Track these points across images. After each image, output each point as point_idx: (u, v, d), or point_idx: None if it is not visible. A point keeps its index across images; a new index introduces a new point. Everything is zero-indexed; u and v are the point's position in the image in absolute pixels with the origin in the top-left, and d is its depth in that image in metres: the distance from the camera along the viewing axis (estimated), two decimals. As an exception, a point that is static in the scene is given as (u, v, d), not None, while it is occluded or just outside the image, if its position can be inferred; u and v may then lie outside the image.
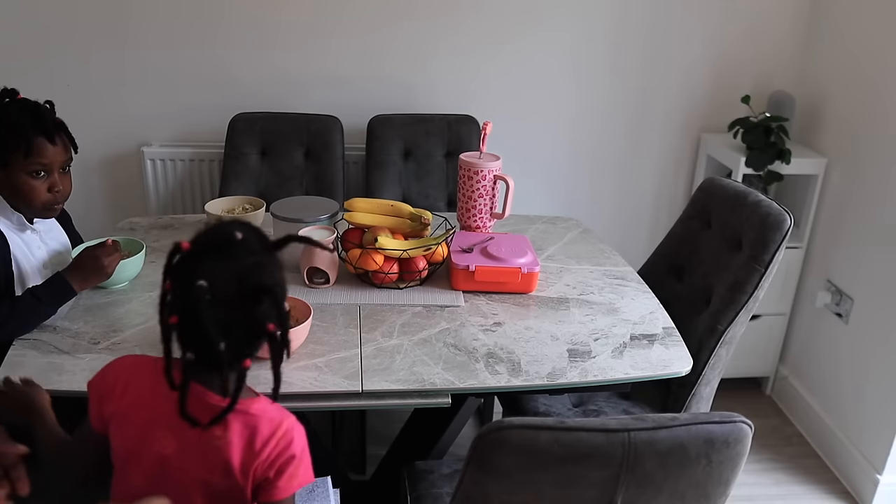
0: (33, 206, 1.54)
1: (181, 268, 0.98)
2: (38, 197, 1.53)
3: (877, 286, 2.22)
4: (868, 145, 2.27)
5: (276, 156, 2.43)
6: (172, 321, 0.97)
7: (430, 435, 1.81)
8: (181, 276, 0.97)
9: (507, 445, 1.00)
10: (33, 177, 1.51)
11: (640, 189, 2.79)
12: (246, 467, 1.04)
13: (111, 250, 1.57)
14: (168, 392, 0.99)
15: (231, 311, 0.97)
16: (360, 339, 1.51)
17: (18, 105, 1.51)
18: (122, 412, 1.06)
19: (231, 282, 0.97)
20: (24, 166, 1.50)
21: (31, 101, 1.53)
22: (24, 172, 1.50)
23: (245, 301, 0.98)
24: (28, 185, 1.51)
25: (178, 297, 0.98)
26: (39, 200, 1.53)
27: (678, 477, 1.03)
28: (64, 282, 1.49)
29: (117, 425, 1.07)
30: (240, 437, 1.03)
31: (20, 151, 1.48)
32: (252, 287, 0.98)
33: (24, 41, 2.38)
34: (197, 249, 0.99)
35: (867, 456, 2.25)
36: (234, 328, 0.97)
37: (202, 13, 2.40)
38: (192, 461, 1.04)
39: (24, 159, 1.49)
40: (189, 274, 0.96)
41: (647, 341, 1.56)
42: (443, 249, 1.76)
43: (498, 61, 2.55)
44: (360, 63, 2.51)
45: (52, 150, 1.51)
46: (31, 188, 1.51)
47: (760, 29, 2.59)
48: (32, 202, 1.53)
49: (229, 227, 1.01)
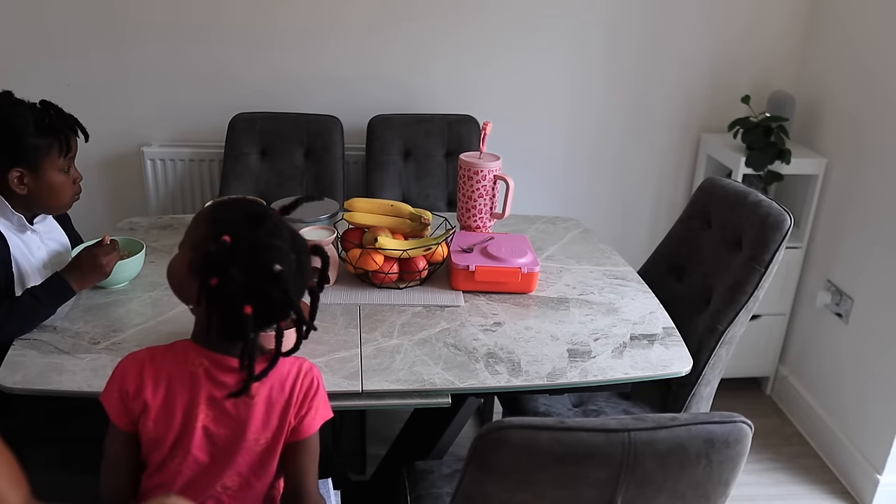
0: (62, 202, 1.59)
1: (242, 260, 1.02)
2: (69, 192, 1.59)
3: (877, 286, 2.22)
4: (868, 145, 2.27)
5: (276, 156, 2.43)
6: (248, 311, 1.01)
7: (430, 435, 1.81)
8: (247, 268, 1.01)
9: (507, 445, 1.00)
10: (64, 173, 1.56)
11: (640, 189, 2.79)
12: (283, 412, 1.12)
13: (109, 249, 1.57)
14: (200, 368, 1.09)
15: (299, 277, 1.06)
16: (360, 338, 1.51)
17: (28, 106, 1.53)
18: (158, 403, 1.09)
19: (291, 256, 1.05)
20: (58, 164, 1.54)
21: (30, 102, 1.54)
22: (57, 170, 1.54)
23: (304, 265, 1.08)
24: (60, 182, 1.56)
25: (243, 289, 1.01)
26: (69, 195, 1.59)
27: (678, 477, 1.03)
28: (63, 282, 1.50)
29: (155, 417, 1.09)
30: (268, 388, 1.11)
31: (58, 151, 1.52)
32: (304, 249, 1.09)
33: (24, 41, 2.38)
34: (244, 242, 1.03)
35: (867, 456, 2.25)
36: (300, 291, 1.07)
37: (202, 13, 2.40)
38: (232, 426, 1.11)
39: (60, 158, 1.53)
40: (259, 263, 1.02)
41: (647, 341, 1.56)
42: (443, 249, 1.76)
43: (498, 61, 2.55)
44: (359, 63, 2.51)
45: (75, 143, 1.57)
46: (63, 185, 1.56)
47: (760, 28, 2.59)
48: (63, 198, 1.58)
49: (257, 208, 1.08)
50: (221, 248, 1.01)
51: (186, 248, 1.09)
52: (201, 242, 1.04)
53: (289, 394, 1.12)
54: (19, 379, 1.33)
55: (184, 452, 1.10)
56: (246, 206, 1.09)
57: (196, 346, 1.11)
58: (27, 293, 1.48)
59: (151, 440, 1.11)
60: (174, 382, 1.09)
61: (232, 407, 1.10)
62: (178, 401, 1.09)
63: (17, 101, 1.53)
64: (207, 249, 1.02)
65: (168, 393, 1.09)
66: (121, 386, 1.09)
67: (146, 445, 1.12)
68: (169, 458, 1.11)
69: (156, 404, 1.09)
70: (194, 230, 1.09)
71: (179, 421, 1.09)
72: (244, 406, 1.10)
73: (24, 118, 1.49)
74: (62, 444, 1.59)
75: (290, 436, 1.14)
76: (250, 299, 1.02)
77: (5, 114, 1.50)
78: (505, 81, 2.58)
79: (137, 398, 1.09)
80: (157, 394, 1.09)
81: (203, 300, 1.04)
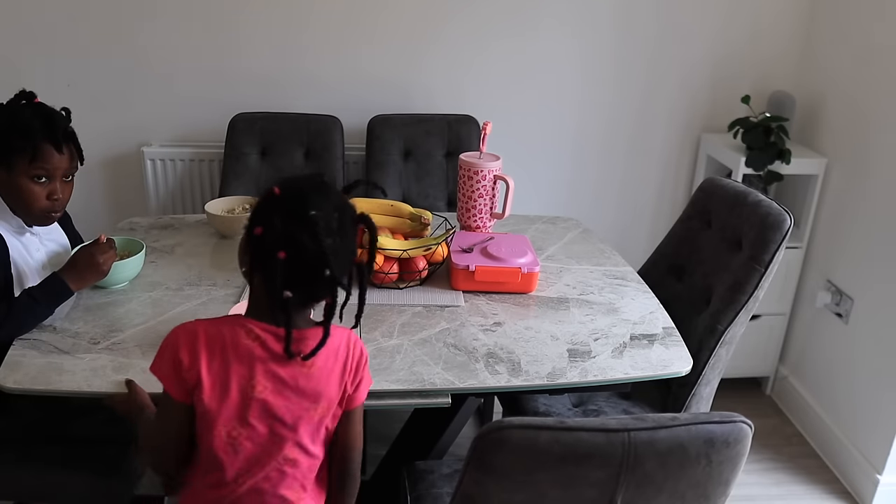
0: (31, 212, 1.54)
1: (281, 209, 1.06)
2: (37, 202, 1.53)
3: (877, 286, 2.22)
4: (868, 145, 2.27)
5: (276, 156, 2.43)
6: (282, 256, 1.03)
7: (430, 435, 1.81)
8: (286, 215, 1.05)
9: (507, 445, 1.00)
10: (34, 181, 1.51)
11: (641, 189, 2.79)
12: (340, 381, 1.15)
13: (106, 248, 1.57)
14: (255, 342, 1.10)
15: (337, 237, 1.07)
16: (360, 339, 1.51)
17: (33, 109, 1.52)
18: (214, 375, 1.09)
19: (334, 212, 1.07)
20: (27, 170, 1.50)
21: (47, 106, 1.53)
22: (27, 176, 1.50)
23: (347, 227, 1.09)
24: (29, 189, 1.51)
25: (283, 236, 1.04)
26: (38, 206, 1.53)
27: (678, 477, 1.03)
28: (60, 282, 1.49)
29: (210, 389, 1.09)
30: (323, 358, 1.13)
31: (26, 155, 1.49)
32: (350, 214, 1.11)
33: (25, 41, 2.38)
34: (291, 192, 1.07)
35: (867, 456, 2.25)
36: (340, 254, 1.07)
37: (202, 13, 2.40)
38: (291, 396, 1.12)
39: (29, 164, 1.49)
40: (297, 211, 1.04)
41: (647, 341, 1.56)
42: (443, 249, 1.76)
43: (498, 62, 2.55)
44: (360, 63, 2.51)
45: (57, 158, 1.51)
46: (31, 193, 1.51)
47: (760, 29, 2.59)
48: (30, 207, 1.53)
49: (316, 175, 1.12)
50: (268, 197, 1.07)
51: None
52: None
53: (343, 364, 1.15)
54: (19, 379, 1.33)
55: (243, 424, 1.11)
56: (304, 175, 1.13)
57: (249, 319, 1.12)
58: (25, 294, 1.47)
59: (206, 412, 1.10)
60: (229, 355, 1.09)
61: (290, 378, 1.11)
62: (234, 373, 1.09)
63: (28, 103, 1.53)
64: (258, 202, 1.08)
65: (223, 365, 1.09)
66: (174, 356, 1.09)
67: (202, 418, 1.11)
68: (226, 431, 1.11)
69: (211, 377, 1.09)
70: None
71: (237, 394, 1.10)
72: (303, 377, 1.12)
73: (6, 116, 1.49)
74: (62, 444, 1.59)
75: (346, 404, 1.18)
76: (285, 245, 1.04)
77: (5, 110, 1.50)
78: (505, 82, 2.58)
79: (192, 369, 1.08)
80: (213, 366, 1.09)
81: (249, 257, 1.09)
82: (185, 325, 1.11)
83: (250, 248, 1.08)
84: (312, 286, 1.08)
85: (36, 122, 1.49)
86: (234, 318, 1.13)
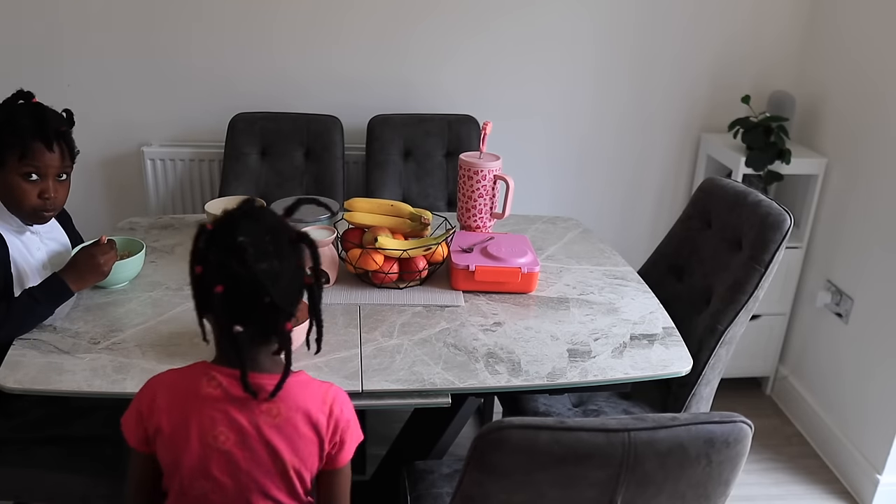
0: (22, 210, 1.54)
1: (214, 242, 1.03)
2: (27, 201, 1.52)
3: (877, 286, 2.22)
4: (868, 145, 2.27)
5: (276, 156, 2.43)
6: (219, 290, 1.00)
7: (430, 435, 1.81)
8: (217, 247, 1.02)
9: (507, 445, 1.00)
10: (25, 179, 1.51)
11: (641, 189, 2.79)
12: (318, 441, 1.09)
13: (106, 249, 1.57)
14: (217, 389, 1.06)
15: (273, 261, 1.03)
16: (360, 338, 1.51)
17: (28, 108, 1.52)
18: (172, 425, 1.07)
19: (266, 235, 1.04)
20: (17, 167, 1.50)
21: (42, 105, 1.54)
22: (17, 174, 1.50)
23: (283, 248, 1.05)
24: (19, 187, 1.51)
25: (218, 269, 1.01)
26: (28, 204, 1.53)
27: (678, 477, 1.03)
28: (60, 282, 1.49)
29: (168, 439, 1.08)
30: (295, 411, 1.08)
31: (15, 152, 1.49)
32: (287, 235, 1.06)
33: (25, 41, 2.38)
34: (220, 224, 1.05)
35: (867, 456, 2.25)
36: (280, 278, 1.03)
37: (202, 13, 2.40)
38: (256, 447, 1.08)
39: (19, 161, 1.49)
40: (226, 241, 1.01)
41: (647, 341, 1.56)
42: (443, 249, 1.76)
43: (498, 61, 2.55)
44: (359, 63, 2.51)
45: (48, 157, 1.51)
46: (22, 191, 1.51)
47: (760, 28, 2.59)
48: (21, 205, 1.53)
49: (247, 201, 1.09)
50: (201, 233, 1.04)
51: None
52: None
53: (316, 422, 1.09)
54: (19, 379, 1.33)
55: (205, 476, 1.08)
56: (236, 205, 1.09)
57: (214, 365, 1.09)
58: (25, 294, 1.47)
59: (168, 463, 1.09)
60: (189, 404, 1.07)
61: (253, 427, 1.07)
62: (193, 423, 1.06)
63: (26, 103, 1.53)
64: (193, 240, 1.04)
65: (182, 415, 1.07)
66: (137, 406, 1.09)
67: (165, 469, 1.10)
68: (189, 483, 1.09)
69: (170, 426, 1.07)
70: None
71: (197, 444, 1.07)
72: (268, 427, 1.07)
73: (7, 115, 1.49)
74: (62, 444, 1.59)
75: (326, 464, 1.13)
76: (221, 278, 1.01)
77: (3, 109, 1.51)
78: (505, 81, 2.58)
79: (150, 419, 1.08)
80: (173, 415, 1.07)
81: (195, 300, 1.05)
82: (155, 376, 1.11)
83: (194, 290, 1.05)
84: (256, 315, 1.03)
85: (27, 121, 1.49)
86: (200, 365, 1.10)
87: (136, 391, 1.12)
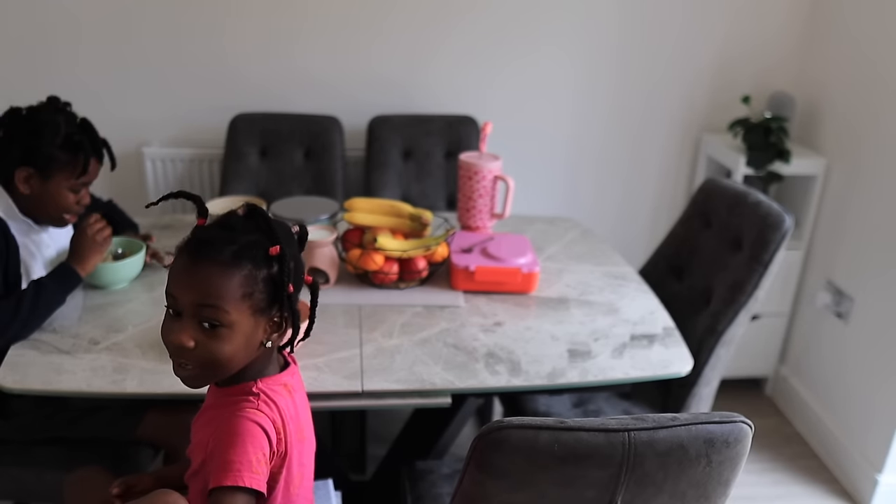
0: (56, 216, 1.58)
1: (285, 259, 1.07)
2: (67, 209, 1.57)
3: (877, 286, 2.22)
4: (868, 145, 2.27)
5: (276, 156, 2.43)
6: (290, 290, 1.07)
7: (430, 435, 1.81)
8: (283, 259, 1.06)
9: (507, 445, 1.00)
10: (73, 192, 1.56)
11: (641, 189, 2.79)
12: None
13: (92, 220, 1.59)
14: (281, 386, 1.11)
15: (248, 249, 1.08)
16: (361, 339, 1.51)
17: (68, 119, 1.54)
18: (292, 442, 1.09)
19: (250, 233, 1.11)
20: (70, 182, 1.54)
21: (83, 119, 1.58)
22: (67, 188, 1.54)
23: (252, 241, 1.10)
24: (65, 198, 1.55)
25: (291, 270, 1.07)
26: (66, 211, 1.57)
27: (678, 477, 1.03)
28: (65, 266, 1.52)
29: (298, 451, 1.11)
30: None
31: (75, 170, 1.53)
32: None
33: (24, 41, 2.38)
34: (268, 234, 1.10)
35: (867, 456, 2.25)
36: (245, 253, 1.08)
37: (202, 14, 2.40)
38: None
39: (76, 178, 1.54)
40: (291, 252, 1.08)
41: (647, 341, 1.56)
42: (443, 249, 1.76)
43: (498, 62, 2.55)
44: (360, 63, 2.51)
45: (96, 169, 1.57)
46: (66, 202, 1.56)
47: (760, 29, 2.59)
48: (59, 212, 1.57)
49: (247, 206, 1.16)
50: (284, 258, 1.09)
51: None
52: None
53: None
54: (19, 379, 1.33)
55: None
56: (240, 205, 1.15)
57: (255, 383, 1.09)
58: (33, 283, 1.48)
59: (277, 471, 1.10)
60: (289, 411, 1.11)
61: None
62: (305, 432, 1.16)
63: (60, 110, 1.55)
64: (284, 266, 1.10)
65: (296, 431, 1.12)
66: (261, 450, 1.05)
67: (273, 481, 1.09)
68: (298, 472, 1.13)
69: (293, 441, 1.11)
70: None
71: (308, 448, 1.17)
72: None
73: (55, 127, 1.50)
74: (62, 444, 1.59)
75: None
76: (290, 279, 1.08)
77: (41, 118, 1.52)
78: (505, 82, 2.58)
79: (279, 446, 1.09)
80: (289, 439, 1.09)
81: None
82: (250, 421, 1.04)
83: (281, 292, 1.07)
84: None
85: (81, 136, 1.53)
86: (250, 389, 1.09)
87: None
